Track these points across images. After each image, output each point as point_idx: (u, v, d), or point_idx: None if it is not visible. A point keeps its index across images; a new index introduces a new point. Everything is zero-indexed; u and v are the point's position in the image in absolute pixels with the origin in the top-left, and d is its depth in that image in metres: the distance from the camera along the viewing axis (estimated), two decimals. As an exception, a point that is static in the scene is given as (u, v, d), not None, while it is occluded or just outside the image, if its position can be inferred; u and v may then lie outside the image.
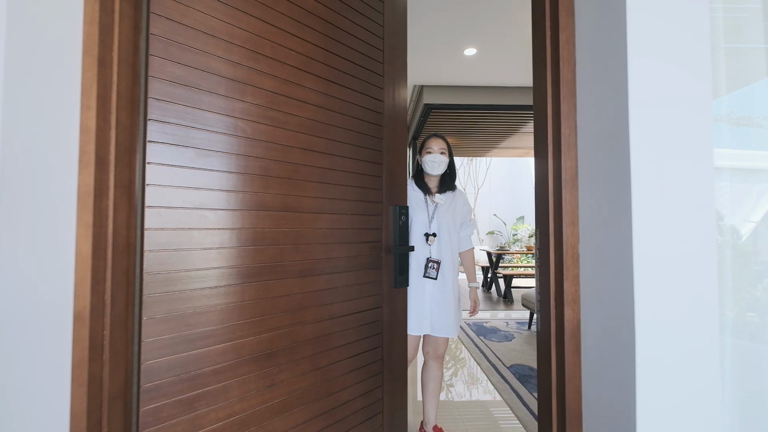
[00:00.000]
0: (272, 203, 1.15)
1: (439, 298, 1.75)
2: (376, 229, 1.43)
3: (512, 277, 5.57)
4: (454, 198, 1.89)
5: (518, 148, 7.61)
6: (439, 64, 4.23)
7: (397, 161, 1.53)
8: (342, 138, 1.32)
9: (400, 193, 1.54)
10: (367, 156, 1.41)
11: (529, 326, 3.96)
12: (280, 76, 1.18)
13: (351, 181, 1.34)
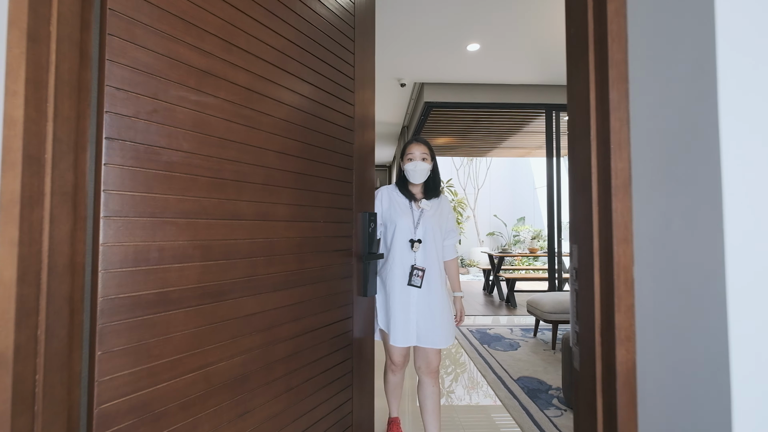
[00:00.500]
0: (246, 212, 1.02)
1: (425, 307, 1.67)
2: (347, 236, 1.38)
3: (515, 281, 5.41)
4: (440, 204, 1.82)
5: (520, 147, 7.46)
6: (441, 60, 4.07)
7: (367, 167, 1.51)
8: (315, 141, 1.26)
9: (369, 200, 1.51)
10: (338, 161, 1.36)
11: (534, 333, 3.80)
12: (255, 72, 1.05)
13: (324, 187, 1.29)
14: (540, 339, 3.70)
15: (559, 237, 4.92)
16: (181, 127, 0.89)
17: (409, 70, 4.33)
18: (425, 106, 4.86)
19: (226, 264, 0.97)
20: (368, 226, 1.44)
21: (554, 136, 5.00)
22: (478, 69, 4.31)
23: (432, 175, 1.79)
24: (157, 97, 0.86)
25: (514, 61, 4.12)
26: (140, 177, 0.83)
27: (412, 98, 5.38)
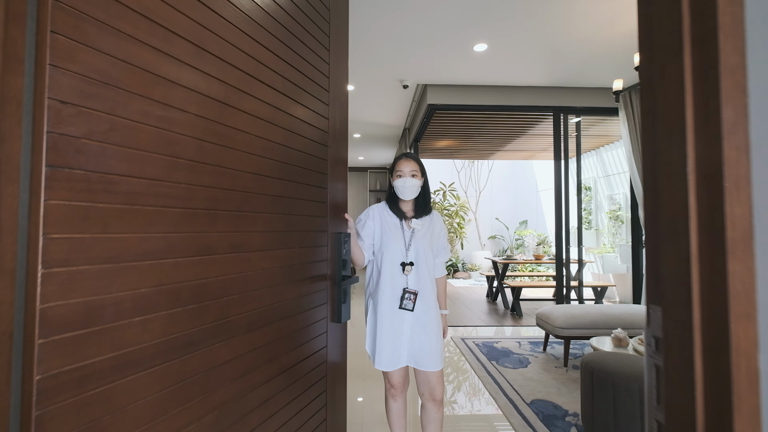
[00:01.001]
0: (219, 244, 0.88)
1: (420, 328, 1.64)
2: (322, 260, 1.29)
3: (521, 289, 5.24)
4: (432, 222, 1.76)
5: (524, 150, 7.29)
6: (446, 61, 3.89)
7: (340, 184, 1.42)
8: (292, 160, 1.14)
9: (343, 219, 1.44)
10: (314, 180, 1.26)
11: (544, 348, 3.62)
12: (230, 83, 0.90)
13: (300, 209, 1.18)
14: (550, 354, 3.52)
15: (567, 244, 4.75)
16: (144, 149, 0.72)
17: (412, 71, 4.15)
18: (428, 108, 4.68)
19: (196, 309, 0.82)
20: (342, 248, 1.35)
21: (562, 139, 4.83)
22: (484, 70, 4.14)
23: (422, 191, 1.75)
24: (115, 113, 0.69)
25: (522, 62, 3.94)
26: (93, 214, 0.66)
27: (414, 100, 5.20)
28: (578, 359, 3.38)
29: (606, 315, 3.24)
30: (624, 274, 6.26)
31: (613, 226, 6.57)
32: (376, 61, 3.89)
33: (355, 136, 7.11)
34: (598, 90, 4.72)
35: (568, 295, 4.75)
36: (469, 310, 5.64)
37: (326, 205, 1.32)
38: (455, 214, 7.43)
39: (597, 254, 6.50)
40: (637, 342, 2.63)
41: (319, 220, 1.28)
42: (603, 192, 6.95)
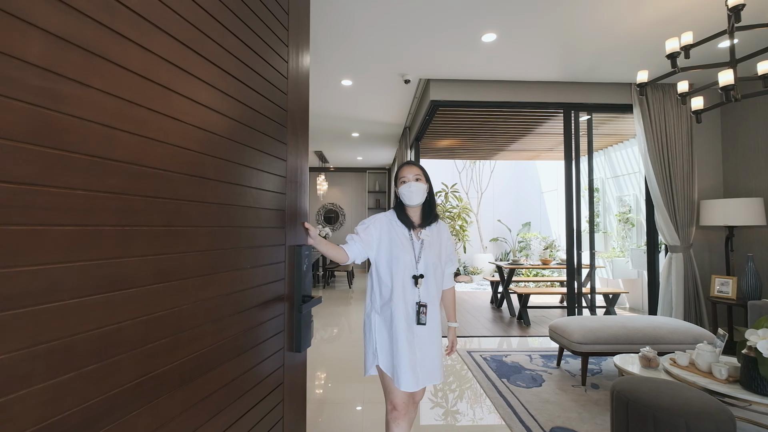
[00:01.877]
0: (138, 274, 0.63)
1: (428, 344, 1.62)
2: (278, 280, 1.08)
3: (529, 296, 4.95)
4: (440, 231, 1.74)
5: (529, 150, 7.01)
6: (451, 53, 3.61)
7: (300, 190, 1.22)
8: (242, 158, 0.92)
9: (302, 229, 1.25)
10: (269, 183, 1.04)
11: (558, 363, 3.34)
12: (158, 52, 0.64)
13: (251, 219, 0.96)
14: (565, 370, 3.24)
15: (578, 249, 4.47)
16: (10, 138, 0.43)
17: (415, 64, 3.87)
18: (430, 105, 4.40)
19: (100, 370, 0.57)
20: (303, 263, 1.17)
21: (573, 138, 4.55)
22: (491, 63, 3.86)
23: (428, 197, 1.72)
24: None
25: (533, 54, 3.66)
26: None
27: (416, 97, 4.92)
28: (596, 376, 3.10)
29: (627, 329, 2.96)
30: (635, 279, 5.99)
31: (622, 229, 6.30)
32: (376, 53, 3.62)
33: (354, 135, 6.83)
34: (610, 86, 4.45)
35: (580, 302, 4.47)
36: (474, 318, 5.35)
37: (284, 214, 1.11)
38: (457, 216, 7.15)
39: (606, 258, 6.23)
40: (669, 362, 2.35)
41: (274, 232, 1.06)
42: (612, 193, 6.68)
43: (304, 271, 1.18)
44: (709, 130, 4.57)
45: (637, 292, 5.92)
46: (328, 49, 3.59)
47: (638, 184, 6.05)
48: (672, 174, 4.29)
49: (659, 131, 4.34)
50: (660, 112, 4.35)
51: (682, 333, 2.95)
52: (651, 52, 3.60)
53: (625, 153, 6.36)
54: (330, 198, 10.45)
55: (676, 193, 4.27)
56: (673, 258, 4.27)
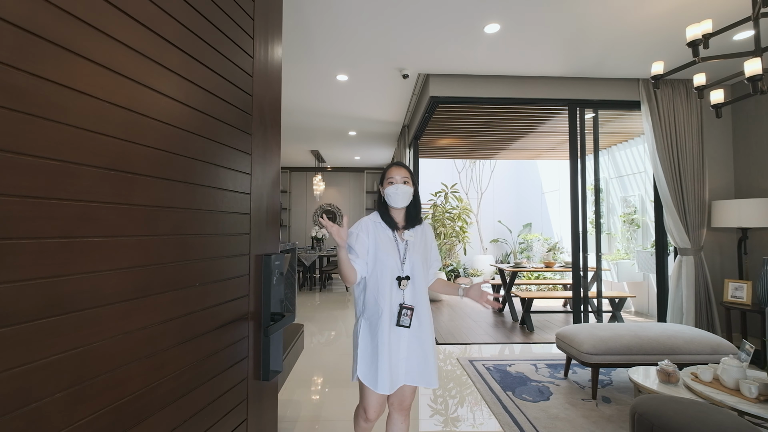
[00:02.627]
0: (15, 306, 0.45)
1: (416, 345, 1.59)
2: (241, 297, 0.91)
3: (532, 300, 4.77)
4: (423, 232, 1.73)
5: (530, 149, 6.83)
6: (452, 45, 3.42)
7: (271, 188, 1.06)
8: (188, 150, 0.73)
9: (273, 234, 1.06)
10: (228, 181, 0.87)
11: (565, 373, 3.15)
12: (87, 19, 0.49)
13: (203, 225, 0.78)
14: (573, 381, 3.05)
15: (584, 251, 4.29)
16: None
17: (414, 58, 3.68)
18: (430, 102, 4.21)
19: None
20: (273, 276, 1.00)
21: (578, 135, 4.37)
22: (493, 57, 3.67)
23: (413, 200, 1.70)
24: None
25: (537, 47, 3.48)
26: None
27: (415, 93, 4.73)
28: (607, 388, 2.91)
29: (641, 339, 2.77)
30: (640, 282, 5.81)
31: (627, 230, 6.12)
32: (372, 46, 3.42)
33: (351, 134, 6.63)
34: (617, 82, 4.27)
35: (586, 307, 4.29)
36: (474, 322, 5.16)
37: (248, 217, 0.94)
38: (458, 217, 6.96)
39: (611, 261, 6.05)
40: (690, 377, 2.16)
41: (235, 240, 0.88)
42: (615, 194, 6.50)
43: (273, 285, 0.99)
44: (718, 128, 4.39)
45: (642, 295, 5.74)
46: (322, 43, 3.40)
47: (643, 185, 5.87)
48: (682, 173, 4.11)
49: (668, 128, 4.15)
50: (669, 108, 4.17)
51: (699, 343, 2.76)
52: (662, 45, 3.41)
53: (629, 152, 6.19)
54: (327, 198, 10.26)
55: (687, 193, 4.09)
56: (683, 261, 4.08)
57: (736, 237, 4.28)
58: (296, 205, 10.22)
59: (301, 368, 3.46)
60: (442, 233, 6.88)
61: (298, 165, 9.87)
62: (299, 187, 10.25)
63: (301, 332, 2.78)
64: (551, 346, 4.11)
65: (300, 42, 3.39)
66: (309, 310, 5.98)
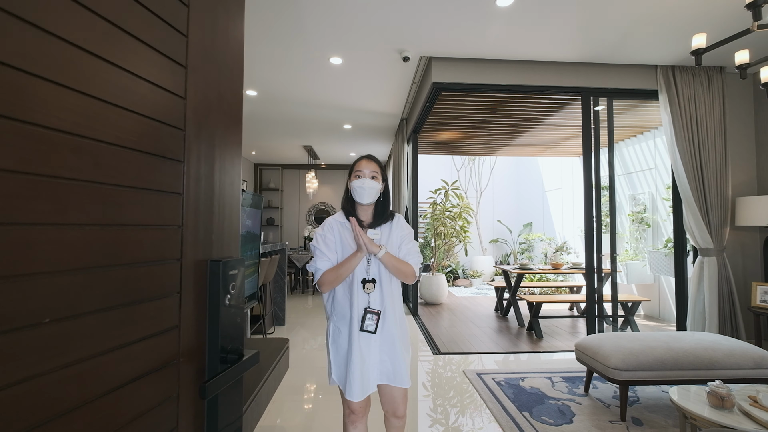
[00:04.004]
0: None
1: (388, 347, 1.52)
2: (164, 332, 0.56)
3: (541, 305, 4.43)
4: (391, 229, 1.60)
5: (534, 145, 6.51)
6: (459, 22, 3.07)
7: (223, 157, 0.74)
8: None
9: (228, 230, 0.73)
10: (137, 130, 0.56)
11: (586, 389, 2.81)
12: None
13: (89, 206, 0.48)
14: (596, 398, 2.71)
15: (599, 251, 3.96)
16: None
17: (416, 37, 3.33)
18: (432, 88, 3.86)
19: None
20: (226, 293, 0.67)
21: (592, 126, 4.04)
22: (503, 37, 3.33)
23: (382, 198, 1.61)
24: None
25: (551, 25, 3.14)
26: None
27: (415, 82, 4.39)
28: (635, 407, 2.58)
29: (675, 351, 2.44)
30: (651, 285, 5.51)
31: (636, 230, 5.82)
32: (370, 22, 3.07)
33: (346, 128, 6.27)
34: (634, 69, 3.95)
35: (601, 311, 3.96)
36: (478, 328, 4.82)
37: (179, 200, 0.62)
38: (458, 216, 6.62)
39: (620, 262, 5.74)
40: (748, 402, 1.82)
41: (153, 235, 0.55)
42: (623, 192, 6.20)
43: (225, 307, 0.63)
44: (740, 119, 4.08)
45: (654, 298, 5.44)
46: (314, 20, 3.04)
47: (654, 182, 5.58)
48: (704, 168, 3.79)
49: (689, 119, 3.84)
50: (690, 97, 3.86)
51: (740, 356, 2.44)
52: (688, 26, 3.09)
53: (638, 148, 5.89)
54: (321, 197, 9.88)
55: (709, 189, 3.78)
56: (705, 262, 3.77)
57: (759, 236, 3.98)
58: (288, 204, 9.83)
59: (293, 377, 3.09)
60: (442, 233, 6.54)
61: (290, 162, 9.49)
62: (292, 185, 9.86)
63: (285, 349, 2.41)
64: (563, 355, 3.78)
65: (288, 19, 3.03)
66: (301, 314, 5.61)
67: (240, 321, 0.73)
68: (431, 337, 4.35)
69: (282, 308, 4.89)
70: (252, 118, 5.74)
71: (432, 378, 3.19)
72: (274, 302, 4.85)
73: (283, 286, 4.92)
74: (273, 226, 9.59)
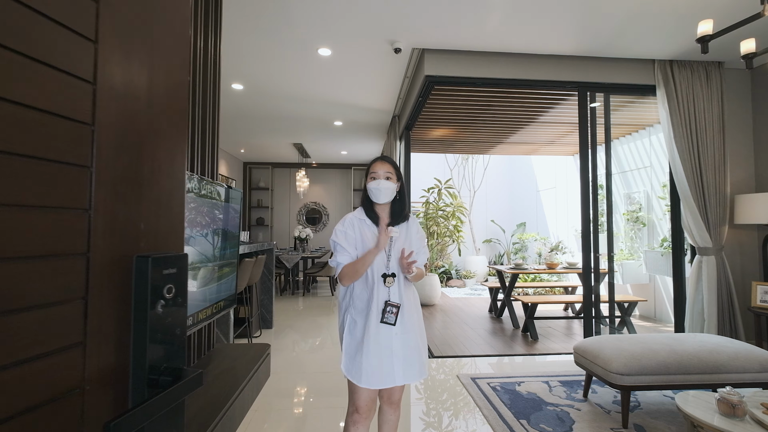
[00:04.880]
0: None
1: (409, 343, 1.56)
2: (52, 354, 0.40)
3: (536, 306, 4.32)
4: (408, 228, 1.68)
5: (528, 143, 6.41)
6: (452, 14, 2.93)
7: (157, 136, 0.60)
8: None
9: (170, 223, 0.59)
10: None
11: (585, 394, 2.69)
12: None
13: None
14: (595, 404, 2.60)
15: (596, 252, 3.85)
16: None
17: (408, 27, 3.20)
18: (425, 82, 3.73)
19: None
20: (159, 297, 0.52)
21: (589, 122, 3.94)
22: (499, 28, 3.21)
23: (398, 197, 1.68)
24: None
25: (549, 16, 3.03)
26: None
27: (407, 76, 4.25)
28: (636, 413, 2.46)
29: (678, 354, 2.33)
30: (646, 284, 5.43)
31: (631, 229, 5.74)
32: (360, 12, 2.93)
33: (336, 124, 6.12)
34: (631, 63, 3.85)
35: (599, 313, 3.86)
36: (472, 329, 4.70)
37: (85, 177, 0.47)
38: (452, 215, 6.49)
39: (616, 262, 5.65)
40: (761, 410, 1.71)
41: (39, 218, 0.39)
42: (618, 191, 6.12)
43: (159, 316, 0.48)
44: (738, 115, 4.01)
45: (650, 298, 5.36)
46: (300, 7, 2.89)
47: (649, 180, 5.50)
48: (702, 165, 3.71)
49: (687, 115, 3.75)
50: (688, 93, 3.77)
51: (745, 359, 2.33)
52: (688, 16, 2.99)
53: (633, 146, 5.81)
54: (312, 196, 9.71)
55: (707, 186, 3.70)
56: (704, 262, 3.68)
57: (758, 235, 3.91)
58: (279, 203, 9.65)
59: (282, 381, 2.93)
60: (435, 232, 6.41)
61: (280, 160, 9.30)
62: (282, 184, 9.68)
63: (266, 356, 2.25)
64: (560, 357, 3.66)
65: (274, 6, 2.87)
66: (291, 317, 5.44)
67: (180, 333, 0.58)
68: (424, 339, 4.21)
69: (269, 310, 4.72)
70: (239, 113, 5.56)
71: (425, 381, 3.05)
72: (261, 304, 4.68)
73: (271, 287, 4.75)
74: (263, 226, 9.40)
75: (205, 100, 2.41)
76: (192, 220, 1.79)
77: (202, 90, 2.39)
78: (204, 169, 2.37)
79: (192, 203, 1.80)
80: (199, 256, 1.93)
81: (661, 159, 5.25)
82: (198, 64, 2.34)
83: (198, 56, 2.35)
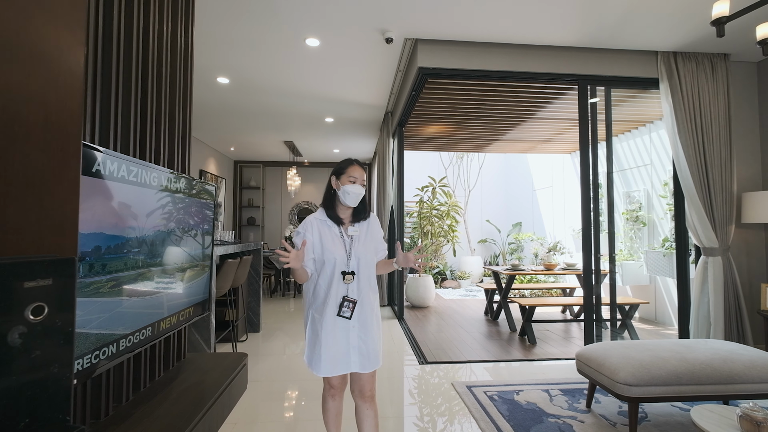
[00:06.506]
0: None
1: (364, 334, 1.66)
2: None
3: (534, 308, 4.14)
4: (369, 225, 1.78)
5: (525, 141, 6.25)
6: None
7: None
8: None
9: (46, 216, 0.53)
10: None
11: (588, 404, 2.51)
12: None
13: None
14: (599, 415, 2.42)
15: (596, 252, 3.68)
16: None
17: (400, 14, 3.01)
18: (418, 74, 3.54)
19: None
20: (16, 322, 0.42)
21: (590, 117, 3.77)
22: (497, 17, 3.03)
23: (362, 200, 1.75)
24: None
25: (548, 4, 2.85)
26: None
27: (400, 69, 4.06)
28: (644, 425, 2.29)
29: (690, 363, 2.16)
30: (646, 286, 5.27)
31: (631, 229, 5.59)
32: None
33: (328, 121, 5.92)
34: (633, 55, 3.69)
35: (599, 316, 3.69)
36: (467, 333, 4.52)
37: None
38: (446, 215, 6.31)
39: (616, 262, 5.49)
40: (790, 428, 1.53)
41: None
42: (617, 189, 5.97)
43: (15, 350, 0.34)
44: (744, 110, 3.85)
45: (651, 300, 5.20)
46: (283, -12, 2.69)
47: (650, 179, 5.35)
48: (708, 161, 3.55)
49: (692, 110, 3.59)
50: (693, 86, 3.61)
51: (762, 367, 2.16)
52: (693, 4, 2.83)
53: (633, 144, 5.66)
54: (304, 196, 9.50)
55: (713, 183, 3.54)
56: (709, 263, 3.52)
57: (766, 235, 3.76)
58: (270, 203, 9.43)
59: (273, 384, 2.73)
60: (429, 232, 6.22)
61: (271, 159, 9.08)
62: (273, 183, 9.46)
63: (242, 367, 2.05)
64: (560, 363, 3.49)
65: (255, -13, 2.68)
66: (281, 319, 5.23)
67: (58, 370, 0.39)
68: (417, 344, 4.03)
69: (257, 313, 4.51)
70: (226, 109, 5.35)
71: (419, 386, 2.86)
72: (248, 307, 4.47)
73: (258, 289, 4.54)
74: (254, 225, 9.18)
75: (174, 88, 2.21)
76: (132, 215, 1.57)
77: (169, 77, 2.20)
78: (173, 162, 2.17)
79: (129, 194, 1.56)
80: (148, 258, 1.72)
81: (662, 156, 5.10)
82: (165, 51, 2.14)
83: (165, 43, 2.15)
